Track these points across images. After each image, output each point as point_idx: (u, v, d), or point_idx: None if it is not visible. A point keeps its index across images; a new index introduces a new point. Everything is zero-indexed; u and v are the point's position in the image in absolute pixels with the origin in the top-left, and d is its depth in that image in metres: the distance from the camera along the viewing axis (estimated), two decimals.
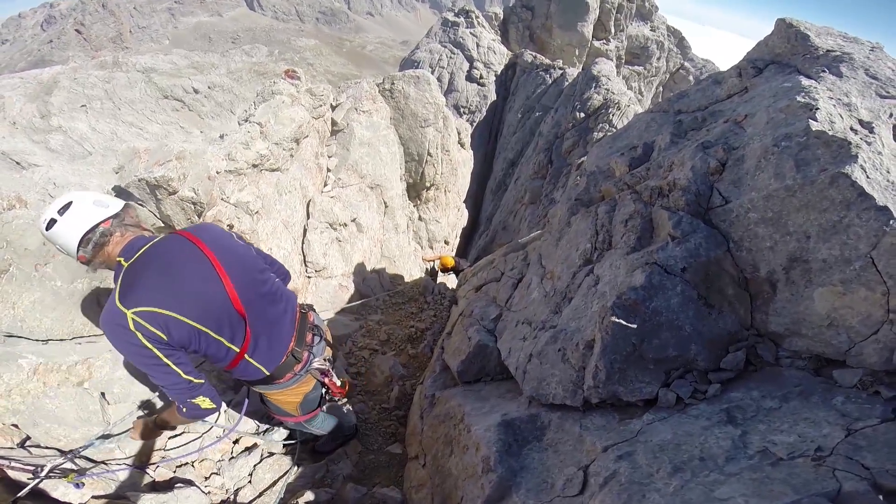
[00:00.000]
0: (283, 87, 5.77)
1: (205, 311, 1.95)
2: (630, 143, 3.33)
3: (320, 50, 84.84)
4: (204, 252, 2.01)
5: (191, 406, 2.05)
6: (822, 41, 2.71)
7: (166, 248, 1.96)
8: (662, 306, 2.02)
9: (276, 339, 2.27)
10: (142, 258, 1.90)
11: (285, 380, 2.40)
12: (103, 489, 2.45)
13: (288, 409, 2.64)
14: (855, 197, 1.74)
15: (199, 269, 1.98)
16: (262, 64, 29.41)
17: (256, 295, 2.16)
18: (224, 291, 2.02)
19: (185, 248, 2.00)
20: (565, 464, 2.08)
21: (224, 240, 2.16)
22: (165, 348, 1.87)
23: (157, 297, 1.83)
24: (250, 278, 2.16)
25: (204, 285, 1.97)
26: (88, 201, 1.95)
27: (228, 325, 2.04)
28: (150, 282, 1.86)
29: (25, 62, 65.09)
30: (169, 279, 1.89)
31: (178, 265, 1.94)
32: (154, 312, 1.80)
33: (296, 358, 2.38)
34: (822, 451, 1.45)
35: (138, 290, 1.82)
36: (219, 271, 2.01)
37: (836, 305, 1.79)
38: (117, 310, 1.78)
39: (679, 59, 30.60)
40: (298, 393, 2.57)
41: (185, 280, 1.93)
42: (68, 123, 16.79)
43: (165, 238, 2.02)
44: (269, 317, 2.22)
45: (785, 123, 2.09)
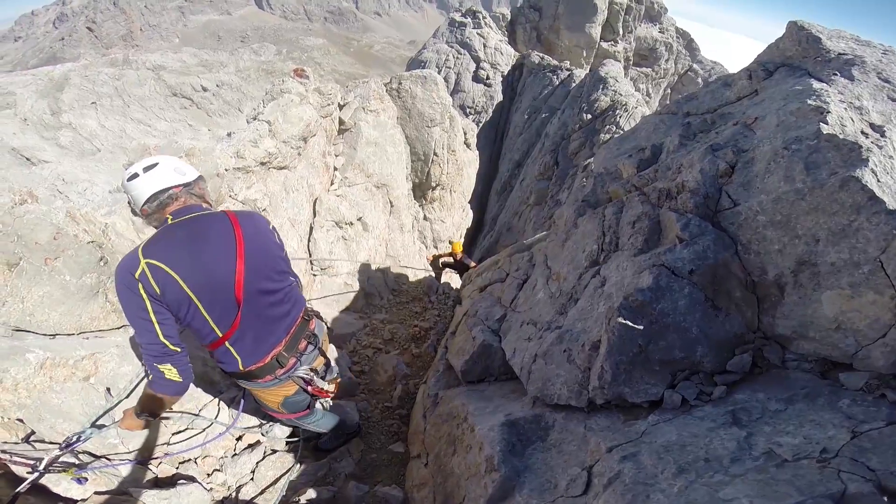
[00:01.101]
0: (292, 85, 5.79)
1: (205, 285, 1.98)
2: (638, 145, 3.33)
3: (328, 49, 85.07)
4: (236, 236, 2.07)
5: (156, 373, 2.02)
6: (834, 44, 2.69)
7: (207, 222, 2.07)
8: (669, 308, 2.01)
9: (263, 339, 2.25)
10: (184, 222, 2.03)
11: (264, 381, 2.38)
12: (106, 485, 2.45)
13: (271, 406, 2.64)
14: (865, 201, 1.73)
15: (221, 249, 2.04)
16: (270, 63, 29.58)
17: (262, 291, 2.16)
18: (233, 275, 2.04)
19: (223, 227, 2.08)
20: (569, 464, 2.07)
21: (262, 234, 2.21)
22: (156, 304, 1.91)
23: (170, 256, 1.91)
24: (264, 274, 2.17)
25: (216, 263, 2.01)
26: (170, 166, 2.15)
27: (220, 307, 2.05)
28: (173, 243, 1.96)
29: (37, 59, 65.66)
30: (190, 246, 1.97)
31: (206, 238, 2.02)
32: (159, 267, 1.87)
33: (279, 363, 2.35)
34: (827, 453, 1.45)
35: (159, 245, 1.93)
36: (238, 256, 2.05)
37: (843, 309, 1.78)
38: (135, 255, 1.89)
39: (688, 61, 30.49)
40: (278, 394, 2.56)
41: (203, 253, 1.99)
42: (78, 120, 16.93)
43: (214, 214, 2.14)
44: (266, 315, 2.21)
45: (795, 126, 2.08)
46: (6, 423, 2.35)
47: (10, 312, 2.59)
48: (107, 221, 3.14)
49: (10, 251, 2.57)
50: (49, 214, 2.75)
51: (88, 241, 2.81)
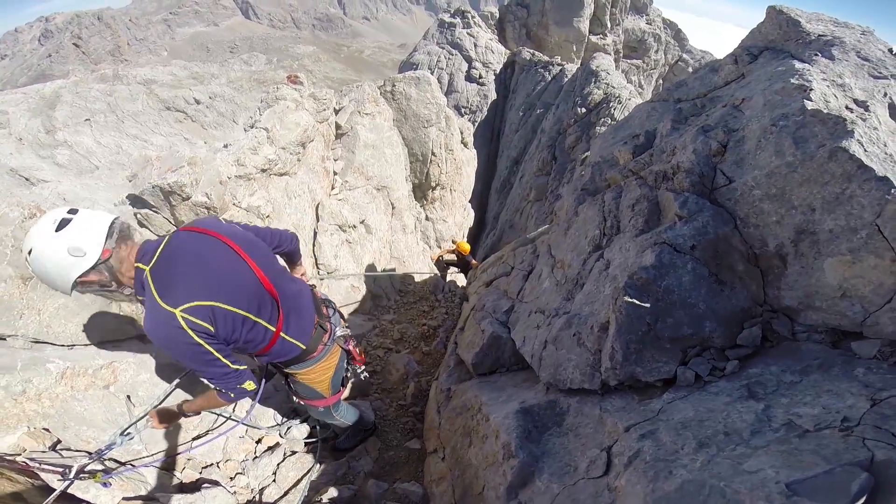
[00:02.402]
0: (287, 92, 5.83)
1: (242, 295, 1.97)
2: (632, 133, 3.37)
3: (318, 56, 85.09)
4: (221, 239, 2.02)
5: (238, 391, 2.08)
6: (813, 26, 2.76)
7: (183, 244, 1.94)
8: (674, 284, 2.04)
9: (303, 314, 2.31)
10: (163, 258, 1.87)
11: (318, 353, 2.45)
12: (133, 490, 2.48)
13: (320, 388, 2.63)
14: (855, 169, 1.79)
15: (225, 258, 1.99)
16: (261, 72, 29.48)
17: (277, 274, 2.20)
18: (253, 274, 2.04)
19: (202, 239, 2.00)
20: (587, 446, 2.10)
21: (230, 227, 2.17)
22: (213, 341, 1.88)
23: (197, 290, 1.83)
24: (267, 259, 2.19)
25: (234, 271, 1.99)
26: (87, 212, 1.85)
27: (264, 306, 2.07)
28: (186, 277, 1.85)
29: (26, 77, 65.56)
30: (201, 271, 1.89)
31: (204, 256, 1.94)
32: (199, 305, 1.80)
33: (322, 328, 2.44)
34: (849, 422, 1.45)
35: (178, 288, 1.81)
36: (242, 255, 2.03)
37: (846, 275, 1.82)
38: (165, 311, 1.76)
39: (677, 52, 30.58)
40: (330, 366, 2.59)
41: (216, 269, 1.93)
42: (73, 138, 16.88)
43: (175, 235, 1.99)
44: (291, 293, 2.26)
45: (781, 104, 2.14)
46: (33, 433, 2.39)
47: (27, 325, 2.63)
48: None
49: (23, 265, 2.61)
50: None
51: None
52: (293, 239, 2.61)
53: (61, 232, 1.70)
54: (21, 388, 2.35)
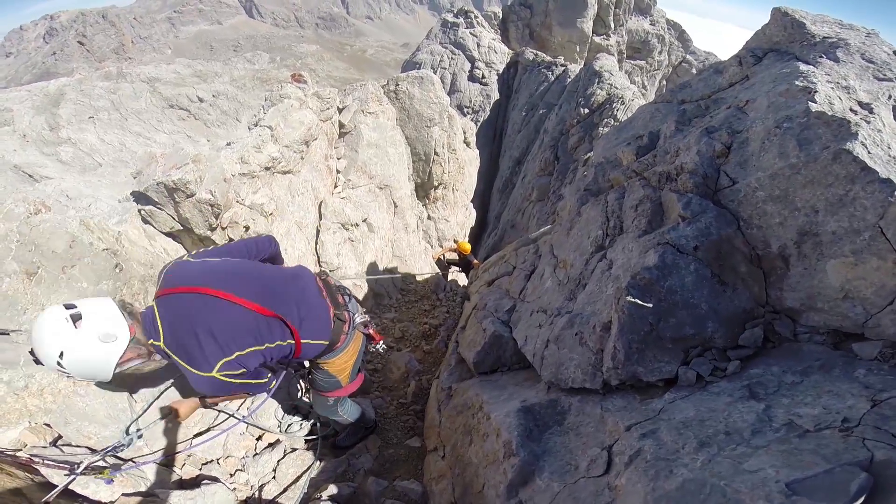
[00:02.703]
0: (291, 90, 5.84)
1: (248, 335, 2.08)
2: (636, 133, 3.38)
3: (321, 55, 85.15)
4: (202, 293, 2.06)
5: None
6: (818, 28, 2.76)
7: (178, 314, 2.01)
8: (677, 285, 2.05)
9: (316, 315, 2.35)
10: (170, 332, 1.98)
11: (341, 342, 2.53)
12: (132, 486, 2.49)
13: (342, 376, 2.72)
14: (858, 171, 1.80)
15: (217, 310, 2.05)
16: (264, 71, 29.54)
17: (269, 291, 2.21)
18: (247, 310, 2.10)
19: (189, 301, 2.05)
20: (588, 445, 2.11)
21: (203, 270, 2.17)
22: (251, 375, 2.14)
23: (217, 351, 1.97)
24: (252, 285, 2.19)
25: (231, 319, 2.06)
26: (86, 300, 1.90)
27: (273, 330, 2.17)
28: (202, 346, 1.96)
29: (31, 75, 65.73)
30: (209, 335, 1.98)
31: (202, 319, 2.01)
32: (228, 361, 1.98)
33: (341, 320, 2.48)
34: (849, 422, 1.46)
35: (202, 357, 1.96)
36: (229, 299, 2.07)
37: (849, 277, 1.82)
38: (206, 377, 1.97)
39: (681, 53, 30.52)
40: (353, 352, 2.69)
41: (219, 327, 2.01)
42: (77, 135, 16.94)
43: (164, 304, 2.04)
44: (294, 298, 2.27)
45: (785, 106, 2.15)
46: (35, 428, 2.39)
47: (31, 320, 2.63)
48: (119, 230, 3.18)
49: (27, 260, 2.62)
50: (64, 223, 2.79)
51: (103, 249, 2.86)
52: (271, 242, 2.66)
53: (81, 325, 1.76)
54: (23, 384, 2.36)
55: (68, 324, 1.74)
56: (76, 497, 2.22)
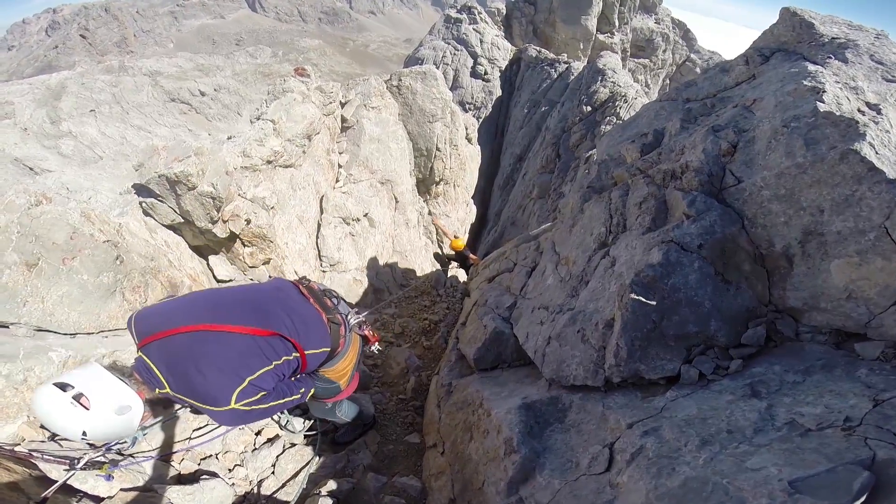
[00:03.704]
0: (294, 84, 5.83)
1: (253, 358, 2.03)
2: (640, 131, 3.36)
3: (324, 50, 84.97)
4: (191, 331, 1.99)
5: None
6: (827, 29, 2.75)
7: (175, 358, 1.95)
8: (681, 283, 2.04)
9: (309, 324, 2.31)
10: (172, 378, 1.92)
11: (341, 347, 2.50)
12: (131, 482, 2.48)
13: (341, 381, 2.69)
14: (865, 172, 1.79)
15: (212, 344, 1.98)
16: (266, 65, 29.57)
17: (259, 311, 2.17)
18: (244, 336, 2.04)
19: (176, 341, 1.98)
20: (589, 443, 2.10)
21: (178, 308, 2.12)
22: (272, 396, 2.08)
23: (228, 383, 1.93)
24: (242, 307, 2.16)
25: (229, 349, 2.00)
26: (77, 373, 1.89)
27: (275, 347, 2.12)
28: (208, 382, 1.91)
29: (32, 68, 65.61)
30: (212, 369, 1.93)
31: (201, 355, 1.95)
32: (242, 390, 1.93)
33: (335, 323, 2.45)
34: (851, 422, 1.46)
35: (215, 393, 1.92)
36: (219, 329, 2.01)
37: (853, 277, 1.82)
38: (227, 412, 1.93)
39: (685, 52, 30.42)
40: (353, 355, 2.68)
41: (219, 361, 1.95)
42: (78, 128, 16.96)
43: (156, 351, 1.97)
44: (286, 314, 2.22)
45: (793, 106, 2.15)
46: (33, 423, 2.39)
47: (31, 312, 2.64)
48: (120, 222, 3.18)
49: (28, 251, 2.61)
50: (65, 215, 2.79)
51: (104, 241, 2.85)
52: None
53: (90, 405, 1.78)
54: (22, 377, 2.36)
55: (77, 408, 1.74)
56: (74, 492, 2.22)
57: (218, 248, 4.49)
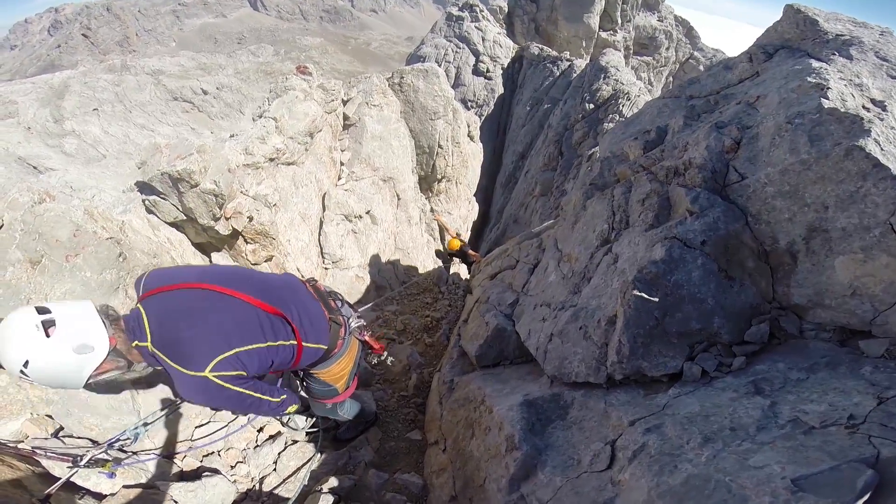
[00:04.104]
0: (296, 82, 5.83)
1: (253, 330, 1.98)
2: (643, 128, 3.35)
3: (326, 48, 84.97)
4: (196, 287, 1.98)
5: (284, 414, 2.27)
6: (831, 26, 2.74)
7: (168, 309, 1.90)
8: (683, 279, 2.04)
9: (313, 317, 2.29)
10: (157, 330, 1.84)
11: (338, 348, 2.45)
12: (133, 478, 2.49)
13: (338, 384, 2.65)
14: (870, 168, 1.78)
15: (215, 303, 1.96)
16: (268, 63, 29.58)
17: (269, 291, 2.16)
18: (249, 305, 2.02)
19: (182, 295, 1.95)
20: (591, 440, 2.10)
21: (190, 270, 2.13)
22: (249, 383, 1.96)
23: (214, 346, 1.84)
24: (252, 282, 2.16)
25: (233, 312, 1.97)
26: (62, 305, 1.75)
27: (277, 329, 2.08)
28: (195, 340, 1.84)
29: (35, 67, 65.77)
30: (204, 327, 1.87)
31: (197, 311, 1.90)
32: (223, 359, 1.83)
33: (336, 323, 2.43)
34: (855, 419, 1.45)
35: (195, 354, 1.82)
36: (228, 293, 1.99)
37: (857, 274, 1.81)
38: (196, 378, 1.79)
39: (688, 49, 30.32)
40: (350, 359, 2.62)
41: (217, 318, 1.91)
42: (81, 127, 17.01)
43: (152, 303, 1.92)
44: (294, 303, 2.22)
45: (797, 103, 2.13)
46: (36, 419, 2.39)
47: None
48: (123, 219, 3.18)
49: (32, 249, 2.61)
50: (68, 213, 2.79)
51: (107, 238, 2.85)
52: None
53: (53, 333, 1.62)
54: None
55: (39, 332, 1.60)
56: (77, 489, 2.23)
57: (220, 246, 4.50)
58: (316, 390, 2.67)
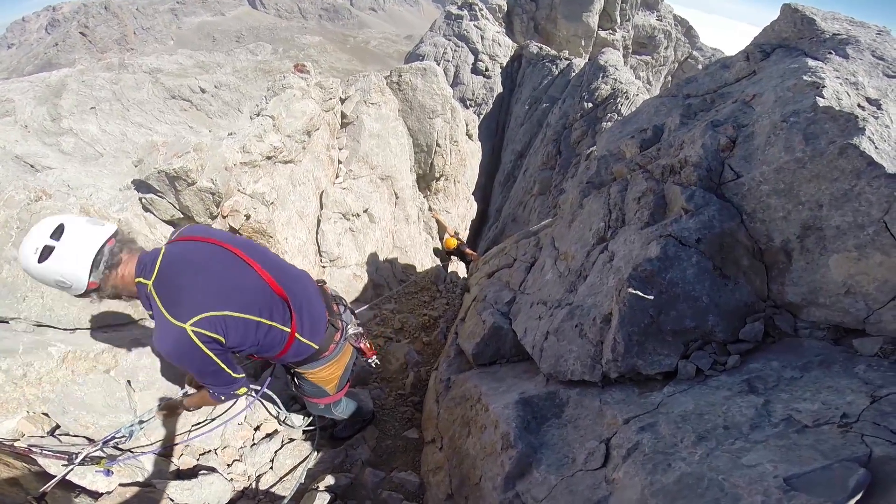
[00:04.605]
0: (294, 80, 5.82)
1: (252, 301, 1.96)
2: (640, 127, 3.36)
3: (324, 46, 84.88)
4: (220, 245, 1.99)
5: (230, 396, 2.13)
6: (829, 25, 2.74)
7: (184, 254, 1.91)
8: (678, 277, 2.04)
9: (314, 314, 2.28)
10: (165, 271, 1.83)
11: (330, 352, 2.42)
12: (130, 477, 2.49)
13: (328, 387, 2.62)
14: (864, 166, 1.79)
15: (228, 263, 1.96)
16: (267, 62, 29.54)
17: (283, 274, 2.17)
18: (260, 278, 2.02)
19: (202, 247, 1.97)
20: (586, 438, 2.10)
21: (223, 232, 2.14)
22: (221, 352, 1.89)
23: (206, 300, 1.81)
24: (270, 260, 2.17)
25: (241, 277, 1.97)
26: (82, 221, 1.77)
27: (276, 310, 2.06)
28: (192, 289, 1.82)
29: (32, 66, 65.61)
30: (207, 280, 1.86)
31: (208, 265, 1.91)
32: (210, 317, 1.79)
33: (334, 327, 2.42)
34: (848, 418, 1.45)
35: (186, 302, 1.79)
36: (245, 259, 2.00)
37: (851, 272, 1.81)
38: (175, 327, 1.75)
39: (687, 49, 30.32)
40: (340, 365, 2.58)
41: (223, 277, 1.91)
42: (79, 125, 16.97)
43: (172, 247, 1.95)
44: (301, 294, 2.22)
45: (793, 101, 2.14)
46: (32, 418, 2.39)
47: (30, 307, 2.64)
48: (120, 217, 3.18)
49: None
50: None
51: None
52: None
53: (44, 264, 1.66)
54: (22, 372, 2.36)
55: (35, 255, 1.65)
56: (73, 487, 2.23)
57: None
58: (307, 390, 2.66)
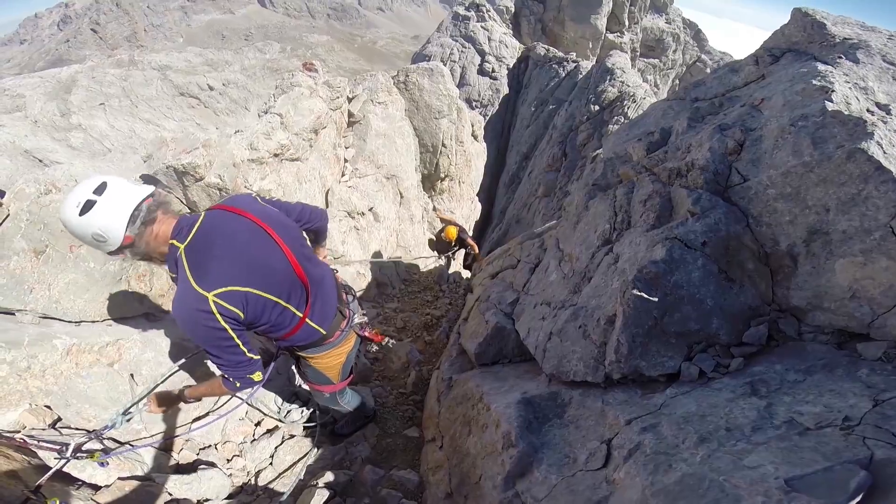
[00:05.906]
0: (302, 79, 5.84)
1: (275, 281, 1.99)
2: (647, 130, 3.35)
3: (332, 46, 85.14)
4: (257, 223, 2.01)
5: (245, 381, 2.08)
6: (839, 29, 2.73)
7: (220, 224, 1.94)
8: (683, 280, 2.04)
9: (326, 299, 2.32)
10: (199, 238, 1.86)
11: (335, 338, 2.45)
12: (129, 470, 2.50)
13: (330, 374, 2.65)
14: (872, 171, 1.78)
15: (260, 242, 1.99)
16: (275, 60, 29.66)
17: (305, 259, 2.19)
18: (287, 261, 2.05)
19: (238, 221, 1.99)
20: (587, 438, 2.10)
21: (265, 208, 2.14)
22: (237, 327, 1.88)
23: (233, 274, 1.83)
24: (297, 242, 2.18)
25: (270, 257, 1.99)
26: (123, 181, 1.83)
27: (294, 292, 2.09)
28: (222, 260, 1.84)
29: (44, 61, 66.09)
30: (237, 254, 1.88)
31: (240, 239, 1.93)
32: (234, 291, 1.80)
33: (342, 314, 2.46)
34: (850, 421, 1.45)
35: (213, 271, 1.81)
36: (277, 241, 2.03)
37: (857, 276, 1.80)
38: (197, 294, 1.75)
39: (696, 52, 30.25)
40: (343, 352, 2.61)
41: (253, 254, 1.93)
42: (88, 121, 17.10)
43: (211, 215, 1.98)
44: (317, 277, 2.25)
45: (801, 105, 2.13)
46: (34, 410, 2.41)
47: (37, 299, 2.66)
48: None
49: (36, 239, 2.64)
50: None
51: None
52: (322, 215, 2.60)
53: (84, 217, 1.70)
54: (26, 364, 2.37)
55: (76, 209, 1.71)
56: (73, 480, 2.23)
57: None
58: (310, 376, 2.70)
